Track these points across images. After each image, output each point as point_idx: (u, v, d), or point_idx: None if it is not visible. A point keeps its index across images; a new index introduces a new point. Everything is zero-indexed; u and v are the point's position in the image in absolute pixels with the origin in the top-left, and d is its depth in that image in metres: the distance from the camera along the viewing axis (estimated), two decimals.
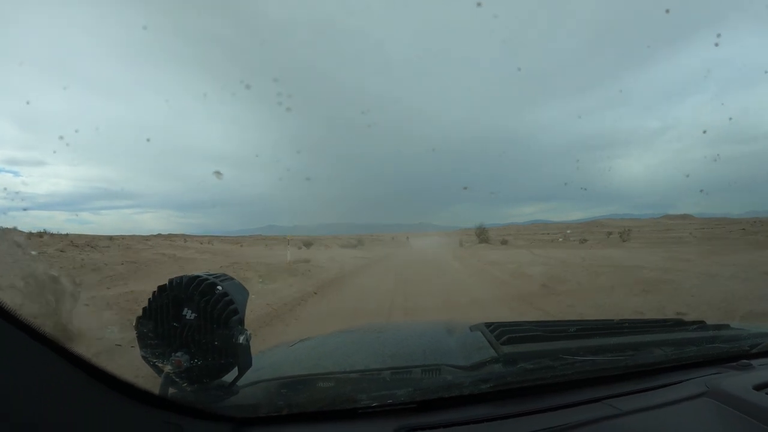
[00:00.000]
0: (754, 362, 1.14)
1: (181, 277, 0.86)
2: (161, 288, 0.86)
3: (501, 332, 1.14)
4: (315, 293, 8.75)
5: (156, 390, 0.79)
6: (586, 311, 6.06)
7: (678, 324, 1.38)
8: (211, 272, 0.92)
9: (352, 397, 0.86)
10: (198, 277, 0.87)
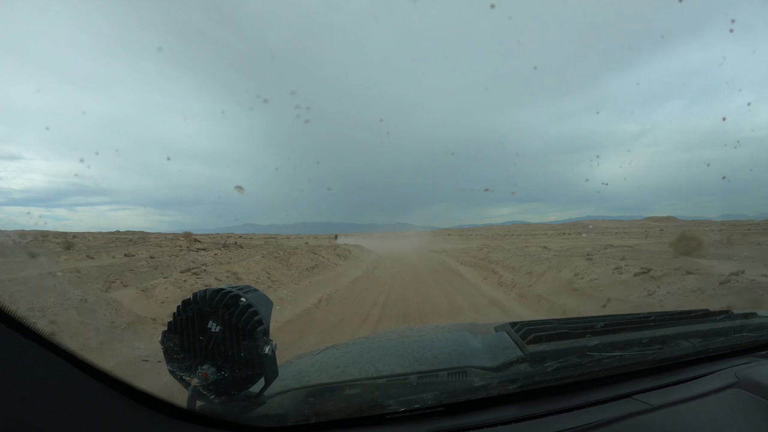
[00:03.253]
0: None
1: (205, 291, 0.87)
2: (186, 302, 0.87)
3: (526, 331, 1.14)
4: None
5: (184, 403, 0.80)
6: None
7: (704, 314, 1.36)
8: (234, 285, 0.93)
9: (379, 403, 0.86)
10: (222, 289, 0.87)
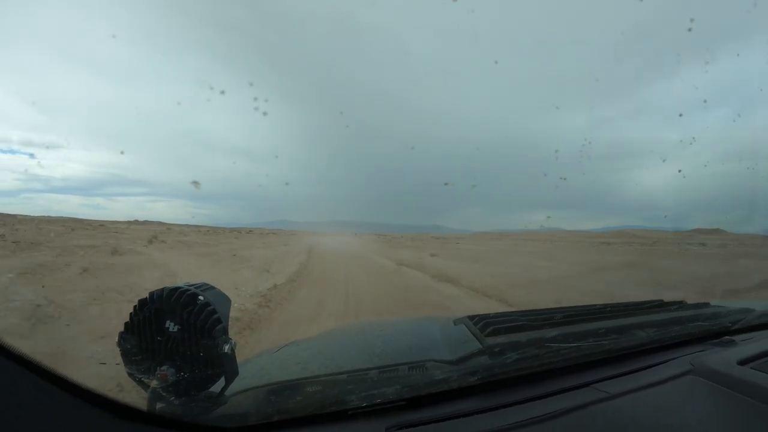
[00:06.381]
0: (736, 338, 1.18)
1: (162, 289, 0.86)
2: (142, 302, 0.85)
3: (485, 324, 1.16)
4: None
5: (144, 406, 0.79)
6: None
7: (659, 305, 1.41)
8: (192, 283, 0.92)
9: (341, 398, 0.86)
10: (179, 288, 0.86)
